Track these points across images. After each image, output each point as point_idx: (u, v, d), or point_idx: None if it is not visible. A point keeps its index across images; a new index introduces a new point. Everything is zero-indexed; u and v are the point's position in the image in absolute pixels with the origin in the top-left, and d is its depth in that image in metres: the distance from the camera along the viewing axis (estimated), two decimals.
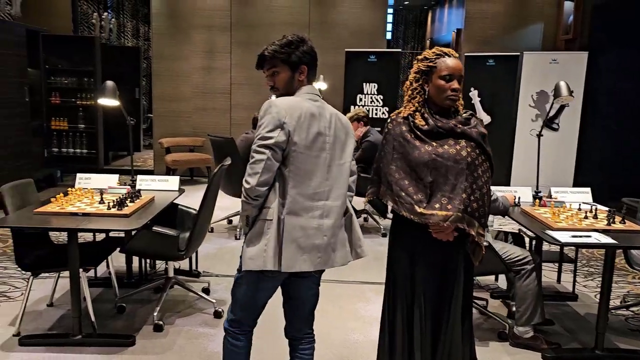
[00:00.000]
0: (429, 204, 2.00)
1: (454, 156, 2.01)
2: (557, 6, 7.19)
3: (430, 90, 2.09)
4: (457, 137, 2.05)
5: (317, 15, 7.47)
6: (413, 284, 2.11)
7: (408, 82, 2.14)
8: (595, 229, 2.86)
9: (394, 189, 2.06)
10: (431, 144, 2.04)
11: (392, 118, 2.16)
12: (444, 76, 2.05)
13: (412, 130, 2.07)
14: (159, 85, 7.59)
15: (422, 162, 2.02)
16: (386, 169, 2.11)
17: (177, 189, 3.65)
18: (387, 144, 2.13)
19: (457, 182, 2.00)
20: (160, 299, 3.24)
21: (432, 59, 2.09)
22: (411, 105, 2.10)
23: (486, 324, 3.29)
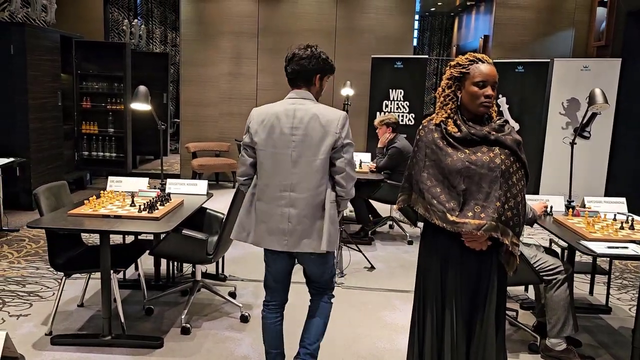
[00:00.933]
0: (461, 212, 1.97)
1: (487, 164, 1.98)
2: (589, 12, 7.06)
3: (463, 97, 2.06)
4: (490, 144, 2.02)
5: (343, 22, 7.48)
6: (444, 292, 2.08)
7: (440, 89, 2.11)
8: (632, 240, 2.78)
9: (425, 197, 2.03)
10: (464, 151, 2.01)
11: (424, 125, 2.13)
12: (477, 82, 2.01)
13: (444, 137, 2.04)
14: (186, 91, 7.69)
15: (455, 169, 1.99)
16: (418, 176, 2.08)
17: (206, 193, 3.68)
18: (419, 151, 2.10)
19: (491, 190, 1.96)
20: (188, 302, 3.26)
21: (465, 65, 2.05)
22: (443, 112, 2.08)
23: (516, 335, 3.22)
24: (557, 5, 7.14)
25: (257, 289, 3.83)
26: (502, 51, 7.20)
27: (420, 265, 2.18)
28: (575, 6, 7.10)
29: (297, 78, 2.37)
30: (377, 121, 5.22)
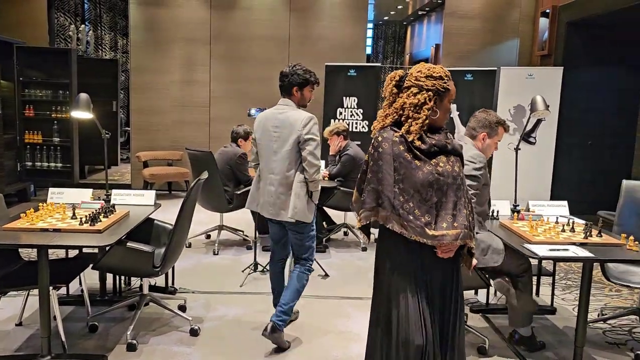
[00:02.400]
0: (436, 225, 1.98)
1: (451, 173, 2.02)
2: (533, 22, 7.34)
3: (439, 112, 2.05)
4: (447, 153, 2.05)
5: (297, 29, 7.49)
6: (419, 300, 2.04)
7: (420, 98, 2.01)
8: (572, 242, 2.88)
9: (401, 214, 1.98)
10: (430, 163, 2.01)
11: (385, 137, 2.04)
12: (452, 100, 2.07)
13: (410, 150, 2.02)
14: (137, 98, 7.50)
15: (427, 182, 1.98)
16: (389, 192, 2.00)
17: (153, 203, 3.58)
18: (385, 164, 2.01)
19: (457, 199, 2.01)
20: (134, 317, 3.15)
21: (446, 81, 2.05)
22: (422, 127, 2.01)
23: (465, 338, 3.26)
24: (502, 16, 7.38)
25: (209, 301, 3.75)
26: (451, 59, 7.37)
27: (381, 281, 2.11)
28: (520, 17, 7.37)
29: (282, 90, 3.12)
30: (327, 132, 5.23)
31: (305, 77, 3.07)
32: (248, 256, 4.70)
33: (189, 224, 3.35)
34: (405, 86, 2.07)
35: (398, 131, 2.04)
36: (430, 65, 2.06)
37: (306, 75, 3.08)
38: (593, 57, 6.62)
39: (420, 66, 2.07)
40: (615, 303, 3.98)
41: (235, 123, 5.26)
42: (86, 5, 10.31)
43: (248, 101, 7.14)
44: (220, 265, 4.56)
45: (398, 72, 2.11)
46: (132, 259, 3.08)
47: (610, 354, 3.14)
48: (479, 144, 3.07)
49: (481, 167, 2.92)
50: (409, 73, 2.08)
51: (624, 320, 3.61)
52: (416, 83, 2.03)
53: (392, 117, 2.08)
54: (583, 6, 6.30)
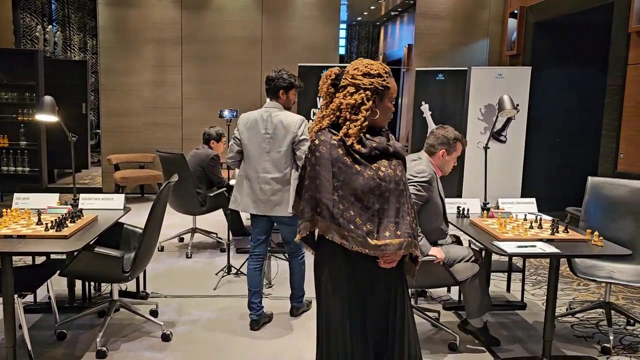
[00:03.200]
0: (378, 234, 1.85)
1: (393, 178, 1.89)
2: (502, 23, 7.46)
3: (379, 111, 1.92)
4: (389, 157, 1.92)
5: (269, 30, 7.46)
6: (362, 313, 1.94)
7: (357, 98, 1.88)
8: (540, 238, 2.94)
9: (341, 223, 1.84)
10: (371, 168, 1.88)
11: (322, 140, 1.90)
12: (393, 99, 1.94)
13: (349, 154, 1.88)
14: (107, 100, 7.37)
15: (368, 188, 1.85)
16: (327, 200, 1.86)
17: (123, 207, 3.51)
18: (322, 169, 1.87)
19: (400, 205, 1.88)
20: (104, 324, 3.09)
21: (386, 78, 1.91)
22: (362, 129, 1.88)
23: (437, 335, 3.30)
24: (472, 16, 7.49)
25: (181, 305, 3.70)
26: (423, 60, 7.45)
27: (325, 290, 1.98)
28: (489, 17, 7.49)
29: (268, 93, 3.30)
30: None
31: (290, 80, 3.27)
32: (222, 259, 4.67)
33: (160, 228, 3.30)
34: (341, 85, 1.92)
35: (337, 134, 1.90)
36: (368, 62, 1.93)
37: (291, 79, 3.28)
38: (560, 57, 6.77)
39: (357, 63, 1.94)
40: (583, 297, 4.07)
41: (208, 125, 5.22)
42: (53, 5, 10.09)
43: (221, 102, 7.08)
44: (193, 269, 4.51)
45: (334, 70, 1.96)
46: (101, 264, 3.02)
47: (578, 347, 3.21)
48: (438, 160, 3.13)
49: (423, 182, 2.97)
50: (346, 71, 1.93)
51: (592, 313, 3.69)
52: (353, 82, 1.89)
53: (330, 119, 1.93)
54: (549, 7, 6.44)
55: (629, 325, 3.53)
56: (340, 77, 1.94)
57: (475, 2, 7.46)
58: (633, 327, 3.49)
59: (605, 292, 3.46)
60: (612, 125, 5.34)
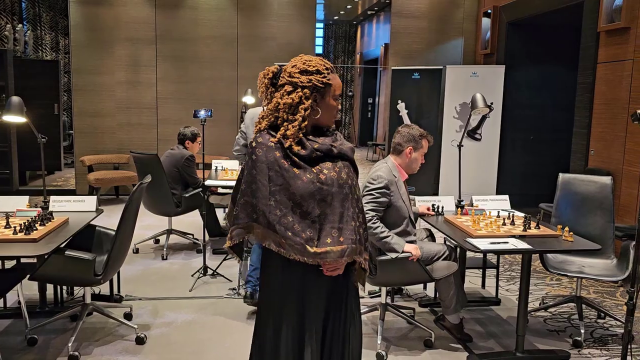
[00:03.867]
0: (319, 240, 1.75)
1: (337, 181, 1.78)
2: (476, 22, 7.55)
3: (321, 110, 1.80)
4: (333, 158, 1.82)
5: (245, 29, 7.42)
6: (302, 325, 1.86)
7: (294, 97, 1.77)
8: (512, 234, 2.98)
9: (278, 229, 1.74)
10: (311, 171, 1.77)
11: (260, 142, 1.79)
12: (337, 96, 1.82)
13: (287, 156, 1.77)
14: (79, 101, 7.23)
15: (307, 193, 1.74)
16: (263, 205, 1.76)
17: (95, 209, 3.46)
18: (259, 174, 1.77)
19: (344, 210, 1.78)
20: (76, 328, 3.03)
21: (326, 75, 1.79)
22: (299, 131, 1.77)
23: (413, 333, 3.33)
24: (447, 16, 7.56)
25: (156, 307, 3.66)
26: (399, 59, 7.50)
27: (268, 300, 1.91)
28: (463, 16, 7.57)
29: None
30: None
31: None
32: (198, 260, 4.62)
33: (133, 229, 3.25)
34: (279, 84, 1.82)
35: (275, 136, 1.79)
36: (307, 58, 1.81)
37: None
38: (533, 56, 6.89)
39: (296, 60, 1.82)
40: (555, 292, 4.15)
41: (183, 125, 5.16)
42: (23, 3, 9.86)
43: (196, 102, 7.03)
44: (169, 270, 4.46)
45: (271, 68, 1.86)
46: (72, 267, 2.96)
47: (551, 341, 3.27)
48: (405, 159, 3.16)
49: (379, 189, 3.00)
50: (284, 69, 1.83)
51: (564, 307, 3.76)
52: (290, 80, 1.78)
53: (268, 120, 1.82)
54: (522, 7, 6.54)
55: (600, 318, 3.61)
56: (278, 76, 1.84)
57: (449, 1, 7.53)
58: (603, 321, 3.57)
59: (577, 286, 3.53)
60: (582, 122, 5.45)
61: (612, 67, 5.06)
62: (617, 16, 4.89)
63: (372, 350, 3.03)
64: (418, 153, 3.17)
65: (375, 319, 3.42)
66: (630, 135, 4.81)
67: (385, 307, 3.27)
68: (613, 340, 3.27)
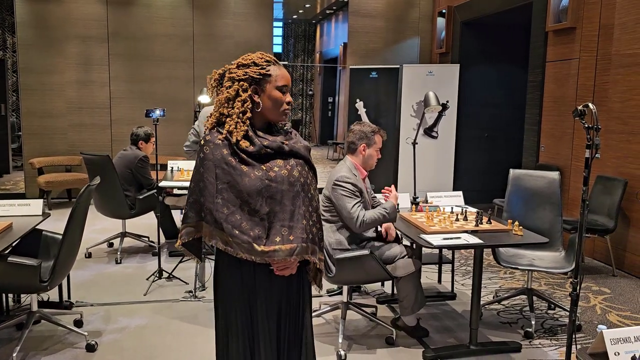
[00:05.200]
0: (268, 239, 1.73)
1: (287, 178, 1.77)
2: (431, 22, 7.68)
3: (262, 103, 1.79)
4: (285, 156, 1.80)
5: (201, 27, 7.30)
6: (253, 327, 1.84)
7: (231, 91, 1.77)
8: (465, 230, 3.03)
9: (224, 228, 1.72)
10: (260, 168, 1.76)
11: (207, 140, 1.78)
12: (280, 87, 1.79)
13: (235, 153, 1.75)
14: (28, 101, 6.95)
15: (254, 190, 1.73)
16: (210, 204, 1.74)
17: (41, 213, 3.32)
18: (206, 172, 1.76)
19: (295, 208, 1.76)
20: (22, 337, 2.90)
21: (263, 66, 1.79)
22: (242, 124, 1.75)
23: (375, 330, 3.34)
24: (403, 15, 7.66)
25: (109, 312, 3.55)
26: (357, 58, 7.55)
27: (223, 300, 1.89)
28: (419, 16, 7.69)
29: None
30: None
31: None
32: (153, 263, 4.51)
33: (81, 233, 3.14)
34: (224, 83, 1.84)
35: (222, 132, 1.78)
36: (247, 54, 1.83)
37: None
38: (486, 55, 7.06)
39: (239, 58, 1.84)
40: (509, 285, 4.26)
41: (138, 124, 5.03)
42: None
43: (151, 102, 6.86)
44: (122, 275, 4.34)
45: (217, 71, 1.87)
46: (16, 274, 2.84)
47: (503, 333, 3.34)
48: (360, 156, 3.18)
49: (351, 184, 3.03)
50: (229, 69, 1.84)
51: (516, 300, 3.86)
52: (229, 76, 1.79)
53: (214, 117, 1.82)
54: (474, 7, 6.69)
55: (550, 309, 3.72)
56: (224, 76, 1.84)
57: (405, 1, 7.63)
58: (553, 311, 3.69)
59: (527, 279, 3.63)
60: (533, 119, 5.61)
61: (559, 66, 5.23)
62: (564, 16, 5.06)
63: (332, 348, 3.03)
64: (372, 149, 3.19)
65: (335, 318, 3.42)
66: (577, 131, 4.99)
67: (347, 305, 3.26)
68: (562, 330, 3.38)
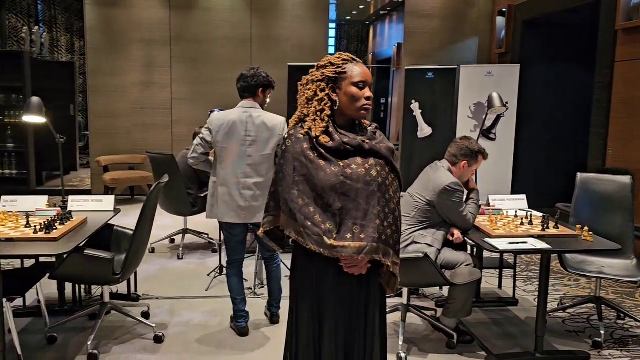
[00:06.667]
0: (339, 234, 1.75)
1: (364, 177, 1.77)
2: (491, 21, 7.50)
3: (340, 100, 1.82)
4: (365, 154, 1.81)
5: (258, 30, 7.44)
6: (321, 318, 1.86)
7: (309, 92, 1.85)
8: (530, 234, 2.95)
9: (297, 218, 1.77)
10: (338, 164, 1.78)
11: (290, 134, 1.86)
12: (357, 83, 1.81)
13: (314, 148, 1.79)
14: (95, 101, 7.31)
15: (329, 185, 1.76)
16: (287, 194, 1.81)
17: (113, 209, 3.48)
18: (285, 163, 1.83)
19: (369, 207, 1.76)
20: (95, 327, 3.06)
21: (339, 65, 1.83)
22: (320, 121, 1.81)
23: (434, 334, 3.30)
24: (461, 15, 7.52)
25: (173, 306, 3.68)
26: (413, 58, 7.47)
27: (294, 291, 1.93)
28: (478, 16, 7.52)
29: (246, 91, 3.11)
30: None
31: (269, 79, 3.17)
32: (213, 259, 4.64)
33: (150, 229, 3.27)
34: None
35: (304, 128, 1.84)
36: (326, 56, 1.90)
37: (269, 77, 3.19)
38: (548, 55, 6.82)
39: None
40: (574, 292, 4.10)
41: (197, 125, 5.18)
42: (39, 6, 9.98)
43: (210, 103, 7.05)
44: (185, 270, 4.48)
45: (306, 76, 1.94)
46: (91, 266, 2.99)
47: (570, 342, 3.23)
48: (458, 170, 3.14)
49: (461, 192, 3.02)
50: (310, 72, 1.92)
51: (583, 308, 3.72)
52: (309, 78, 1.88)
53: (297, 116, 1.91)
54: (537, 5, 6.48)
55: (619, 319, 3.56)
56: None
57: (464, 0, 7.49)
58: (623, 321, 3.53)
59: (596, 287, 3.49)
60: (600, 122, 5.38)
61: (630, 66, 4.99)
62: (635, 14, 4.83)
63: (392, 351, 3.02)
64: (471, 169, 3.16)
65: (394, 320, 3.41)
66: None
67: (407, 307, 3.24)
68: (634, 341, 3.23)
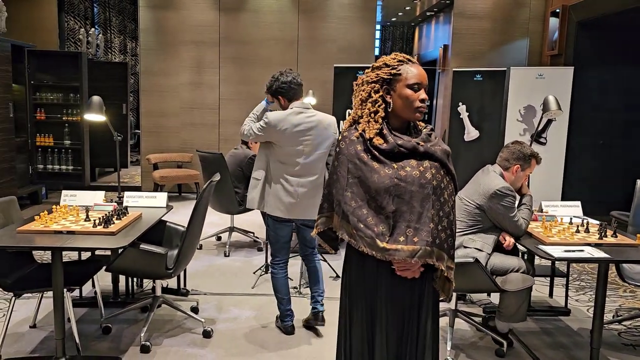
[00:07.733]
0: (392, 237, 1.73)
1: (418, 180, 1.75)
2: (543, 22, 7.29)
3: (394, 102, 1.80)
4: (420, 157, 1.79)
5: (305, 31, 7.49)
6: (374, 321, 1.85)
7: (363, 94, 1.83)
8: (587, 243, 2.85)
9: (350, 220, 1.76)
10: (392, 167, 1.76)
11: (345, 135, 1.85)
12: (412, 85, 1.78)
13: (368, 150, 1.78)
14: (146, 101, 7.54)
15: (382, 187, 1.74)
16: (340, 196, 1.79)
17: (165, 205, 3.59)
18: (339, 165, 1.82)
19: (423, 210, 1.73)
20: (147, 319, 3.16)
21: (394, 66, 1.81)
22: (374, 123, 1.79)
23: (482, 341, 3.24)
24: (512, 16, 7.34)
25: (221, 302, 3.75)
26: (460, 60, 7.35)
27: (347, 292, 1.92)
28: (529, 17, 7.33)
29: (297, 93, 3.21)
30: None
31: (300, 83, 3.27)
32: (259, 258, 4.71)
33: (202, 226, 3.36)
34: None
35: (358, 130, 1.83)
36: (382, 57, 1.87)
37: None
38: (603, 57, 6.57)
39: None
40: (630, 304, 3.94)
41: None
42: (95, 9, 10.39)
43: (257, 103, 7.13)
44: (231, 267, 4.56)
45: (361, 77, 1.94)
46: (145, 261, 3.09)
47: (626, 355, 3.11)
48: (511, 175, 3.07)
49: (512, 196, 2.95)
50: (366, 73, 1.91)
51: (638, 321, 3.57)
52: (364, 80, 1.86)
53: (351, 117, 1.90)
54: (593, 6, 6.26)
55: None
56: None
57: (514, 1, 7.31)
58: None
59: None
60: None
61: None
62: None
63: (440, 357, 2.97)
64: (524, 173, 3.08)
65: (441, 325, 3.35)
66: None
67: (455, 313, 3.19)
68: None
